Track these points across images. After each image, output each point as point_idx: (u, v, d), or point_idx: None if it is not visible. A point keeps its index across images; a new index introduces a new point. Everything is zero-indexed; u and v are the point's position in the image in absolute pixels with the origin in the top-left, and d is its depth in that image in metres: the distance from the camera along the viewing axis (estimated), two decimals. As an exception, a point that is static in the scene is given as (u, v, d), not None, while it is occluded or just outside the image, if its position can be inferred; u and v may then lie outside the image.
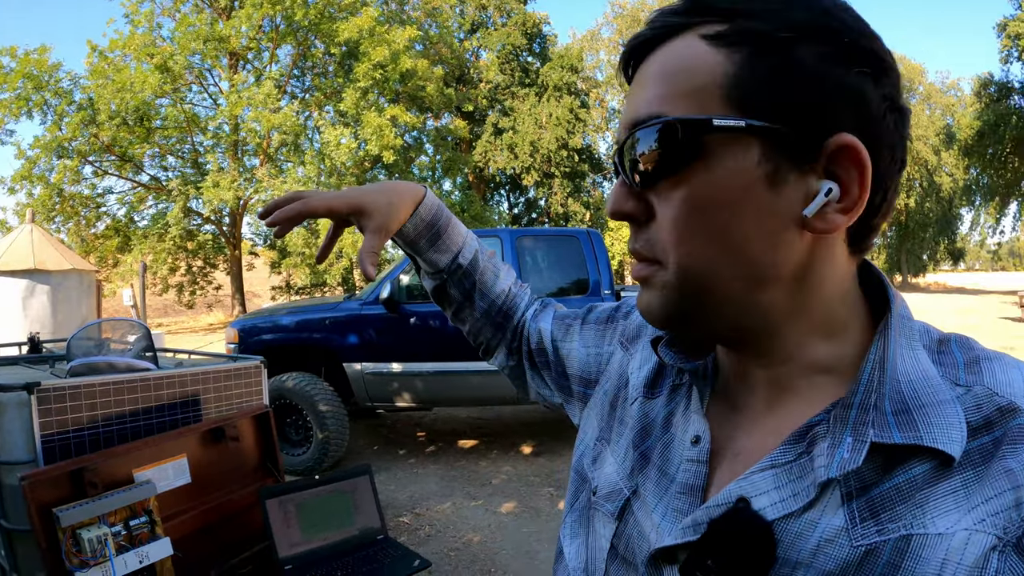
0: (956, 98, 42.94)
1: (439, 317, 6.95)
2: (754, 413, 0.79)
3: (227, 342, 7.25)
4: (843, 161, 0.65)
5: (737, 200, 0.66)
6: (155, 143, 24.05)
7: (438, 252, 1.22)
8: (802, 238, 0.68)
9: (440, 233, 1.21)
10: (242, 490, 2.93)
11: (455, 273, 1.24)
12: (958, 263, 53.35)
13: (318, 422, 6.59)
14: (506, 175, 33.03)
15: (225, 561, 2.78)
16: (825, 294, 0.72)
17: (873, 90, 0.65)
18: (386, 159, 22.26)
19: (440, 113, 29.53)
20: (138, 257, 21.76)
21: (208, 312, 28.87)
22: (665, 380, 0.94)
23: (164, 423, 2.80)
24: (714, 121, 0.64)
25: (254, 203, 24.63)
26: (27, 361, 3.57)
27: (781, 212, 0.66)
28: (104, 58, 22.51)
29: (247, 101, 22.27)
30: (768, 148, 0.65)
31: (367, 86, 22.91)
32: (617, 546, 0.87)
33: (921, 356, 0.69)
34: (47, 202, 22.30)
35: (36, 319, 11.41)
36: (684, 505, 0.78)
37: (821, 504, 0.65)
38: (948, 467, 0.60)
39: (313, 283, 26.01)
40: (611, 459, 0.96)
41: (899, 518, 0.60)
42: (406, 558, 2.85)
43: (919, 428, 0.62)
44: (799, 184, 0.66)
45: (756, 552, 0.66)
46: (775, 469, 0.69)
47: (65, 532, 2.16)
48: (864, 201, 0.66)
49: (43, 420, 2.40)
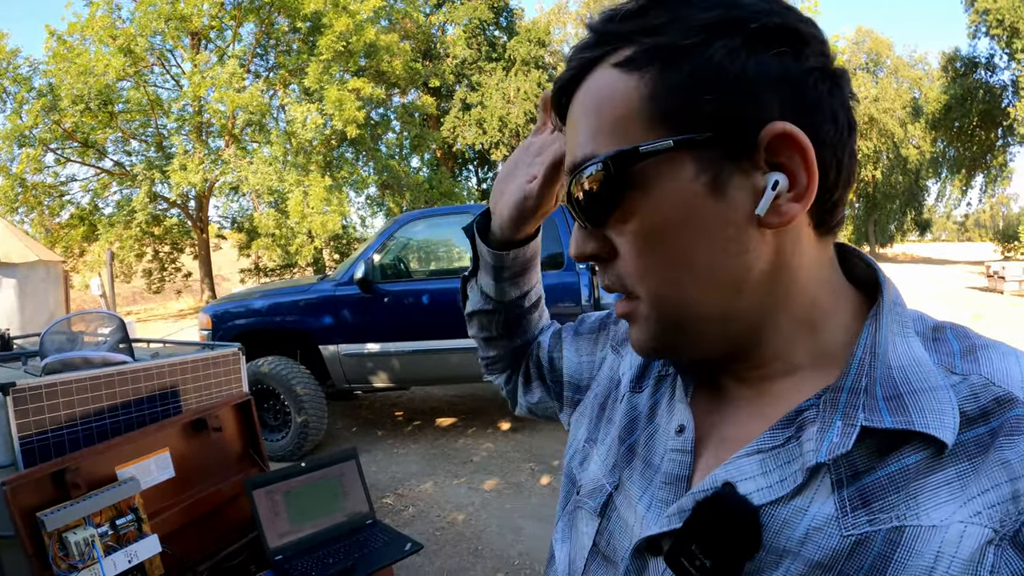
0: (923, 72, 43.08)
1: (413, 295, 6.96)
2: (742, 401, 0.78)
3: (200, 328, 7.18)
4: (782, 149, 0.64)
5: (685, 219, 0.65)
6: (118, 128, 23.66)
7: (514, 285, 1.19)
8: (763, 236, 0.67)
9: (527, 270, 1.19)
10: (227, 481, 2.90)
11: (513, 308, 1.22)
12: (925, 234, 53.97)
13: (296, 406, 6.56)
14: (475, 151, 32.88)
15: (215, 554, 2.76)
16: (802, 285, 0.71)
17: (796, 66, 0.64)
18: (349, 133, 22.02)
19: (407, 89, 29.31)
20: (105, 245, 21.45)
21: (177, 298, 28.61)
22: (651, 372, 0.94)
23: (144, 417, 2.77)
24: (640, 148, 0.64)
25: (221, 185, 24.42)
26: (-3, 360, 3.51)
27: (733, 218, 0.65)
28: (63, 42, 22.08)
29: (211, 82, 21.97)
30: (701, 159, 0.64)
31: (330, 59, 22.67)
32: (599, 543, 0.86)
33: (914, 343, 0.68)
34: (9, 193, 21.92)
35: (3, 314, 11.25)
36: (669, 495, 0.77)
37: (810, 491, 0.64)
38: (941, 456, 0.59)
39: (283, 264, 25.84)
40: (595, 457, 0.96)
41: (891, 508, 0.59)
42: (397, 541, 2.85)
43: (910, 413, 0.61)
44: (744, 184, 0.65)
45: (741, 536, 0.65)
46: (762, 454, 0.68)
47: (51, 536, 2.12)
48: (814, 184, 0.64)
49: (20, 421, 2.36)
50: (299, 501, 2.85)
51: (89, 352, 2.97)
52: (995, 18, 32.35)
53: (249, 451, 3.07)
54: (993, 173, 40.46)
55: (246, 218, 26.54)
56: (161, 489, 2.62)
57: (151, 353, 3.51)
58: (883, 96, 38.86)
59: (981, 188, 42.87)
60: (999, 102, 34.80)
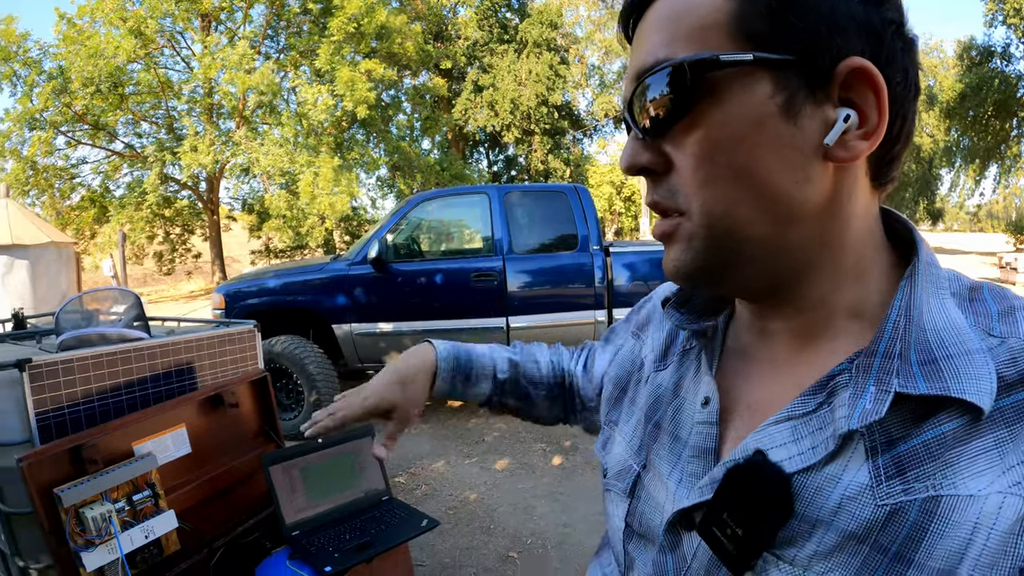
0: (938, 60, 42.66)
1: (426, 275, 6.97)
2: (773, 365, 0.78)
3: (213, 308, 7.19)
4: (857, 86, 0.64)
5: (754, 135, 0.64)
6: (128, 110, 23.59)
7: (477, 386, 1.27)
8: (825, 170, 0.66)
9: (469, 372, 1.27)
10: (243, 457, 2.91)
11: (502, 387, 1.28)
12: (937, 223, 53.69)
13: (308, 385, 6.57)
14: (485, 133, 32.80)
15: (231, 530, 2.76)
16: (853, 232, 0.70)
17: (877, 14, 0.64)
18: (360, 114, 21.97)
19: (418, 71, 29.22)
20: (116, 227, 21.48)
21: (188, 279, 28.70)
22: (674, 349, 0.94)
23: (160, 393, 2.76)
24: (720, 57, 0.63)
25: (231, 166, 24.42)
26: (12, 338, 3.51)
27: (801, 144, 0.64)
28: (73, 25, 22.02)
29: (221, 63, 21.92)
30: (779, 79, 0.63)
31: (341, 40, 22.60)
32: (631, 523, 0.88)
33: (949, 304, 0.66)
34: (20, 176, 21.88)
35: (16, 295, 11.29)
36: (698, 468, 0.78)
37: (843, 458, 0.63)
38: (979, 423, 0.58)
39: (294, 246, 25.86)
40: (619, 439, 0.98)
41: (927, 477, 0.58)
42: (413, 518, 2.85)
43: (946, 378, 0.59)
44: (816, 114, 0.64)
45: (772, 504, 0.65)
46: (793, 421, 0.68)
47: (68, 512, 2.12)
48: (884, 125, 0.64)
49: (37, 397, 2.35)
50: (315, 477, 2.85)
51: (105, 328, 2.97)
52: (1012, 7, 31.93)
53: (265, 427, 3.07)
54: (1007, 163, 39.91)
55: (257, 200, 26.54)
56: (178, 465, 2.62)
57: (167, 330, 3.51)
58: None
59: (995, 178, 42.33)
60: (1015, 92, 34.33)
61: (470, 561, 4.18)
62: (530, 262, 7.04)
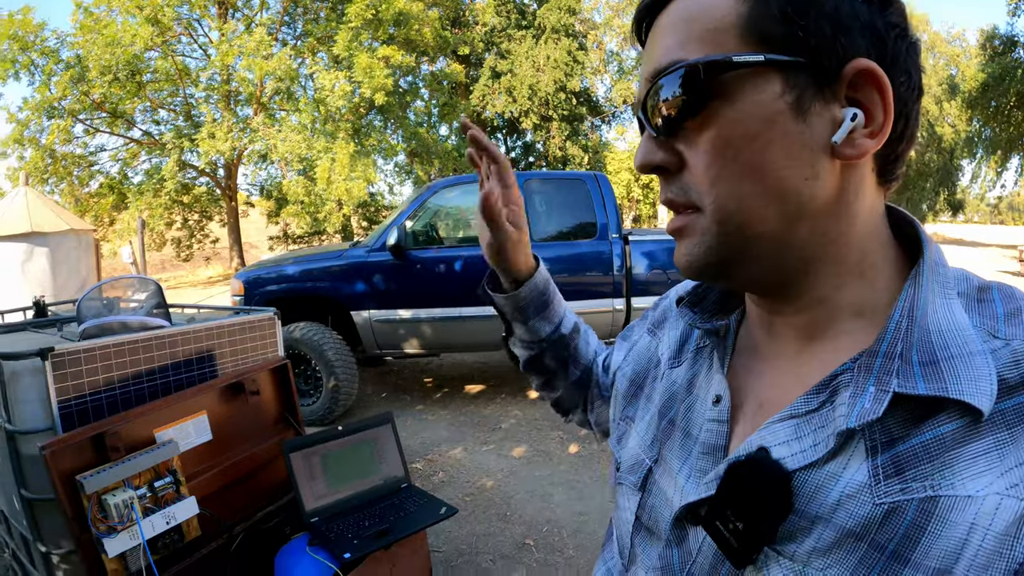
0: (961, 49, 42.02)
1: (445, 262, 6.95)
2: (781, 363, 0.79)
3: (232, 294, 7.21)
4: (863, 86, 0.65)
5: (765, 133, 0.65)
6: (146, 97, 23.75)
7: (543, 320, 1.26)
8: (833, 168, 0.67)
9: (548, 302, 1.26)
10: (264, 444, 2.93)
11: (556, 343, 1.28)
12: (957, 215, 52.81)
13: (327, 371, 6.59)
14: (504, 119, 32.70)
15: (251, 516, 2.78)
16: (858, 229, 0.71)
17: (881, 18, 0.66)
18: (377, 100, 21.98)
19: (436, 57, 29.14)
20: (134, 214, 21.62)
21: (206, 265, 28.82)
22: (688, 347, 0.96)
23: (181, 381, 2.78)
24: (733, 58, 0.65)
25: (249, 153, 24.50)
26: (34, 326, 3.53)
27: (810, 141, 0.66)
28: (90, 14, 22.11)
29: (238, 50, 21.97)
30: (789, 79, 0.65)
31: (359, 26, 22.58)
32: (641, 517, 0.89)
33: (955, 305, 0.67)
34: (39, 164, 22.06)
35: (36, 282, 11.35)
36: (706, 465, 0.79)
37: (844, 457, 0.64)
38: (979, 425, 0.58)
39: (311, 231, 25.91)
40: (634, 434, 0.99)
41: (925, 477, 0.59)
42: (432, 505, 2.87)
43: (945, 380, 0.60)
44: (824, 113, 0.66)
45: (772, 500, 0.66)
46: (795, 419, 0.69)
47: (90, 499, 2.14)
48: (889, 124, 0.66)
49: (59, 386, 2.37)
50: (335, 464, 2.87)
51: (127, 317, 2.99)
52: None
53: (285, 414, 3.09)
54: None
55: (274, 186, 26.63)
56: (199, 452, 2.65)
57: (187, 318, 3.53)
58: None
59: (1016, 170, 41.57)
60: (1038, 82, 33.98)
61: (486, 548, 4.19)
62: (549, 250, 7.00)
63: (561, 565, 3.98)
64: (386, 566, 2.70)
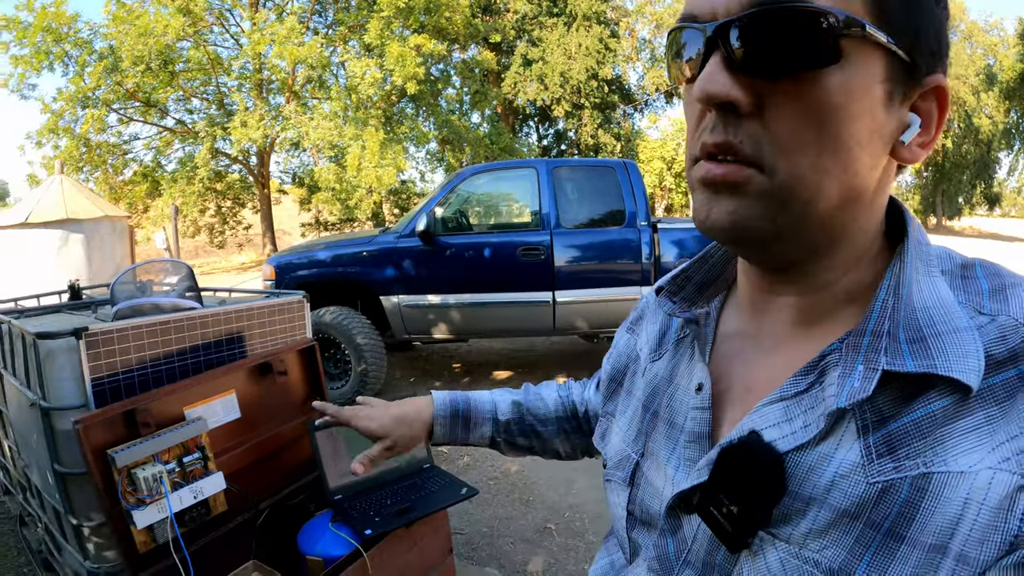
0: (999, 38, 40.86)
1: (474, 248, 6.99)
2: (770, 346, 0.79)
3: (263, 279, 7.30)
4: (931, 99, 0.67)
5: (862, 111, 0.63)
6: (179, 86, 23.85)
7: (477, 428, 1.33)
8: (885, 164, 0.69)
9: (468, 416, 1.33)
10: (290, 423, 2.98)
11: (507, 431, 1.33)
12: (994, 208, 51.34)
13: (356, 355, 6.66)
14: (535, 107, 32.53)
15: (277, 492, 2.84)
16: (875, 220, 0.72)
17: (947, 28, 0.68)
18: (409, 89, 21.98)
19: (467, 45, 29.04)
20: (168, 201, 21.79)
21: (239, 251, 29.00)
22: (668, 338, 0.96)
23: (211, 360, 2.83)
24: (867, 26, 0.61)
25: (281, 141, 24.62)
26: (69, 308, 3.61)
27: (885, 133, 0.66)
28: (122, 5, 22.30)
29: (270, 38, 22.06)
30: (890, 68, 0.64)
31: (391, 15, 22.60)
32: (633, 511, 0.90)
33: (939, 283, 0.68)
34: (74, 153, 22.21)
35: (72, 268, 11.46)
36: (694, 453, 0.80)
37: (835, 437, 0.65)
38: (968, 401, 0.59)
39: (343, 218, 25.99)
40: (617, 429, 1.00)
41: (918, 454, 0.59)
42: (453, 485, 2.90)
43: (933, 356, 0.61)
44: (898, 112, 0.66)
45: (766, 482, 0.66)
46: (785, 401, 0.70)
47: (120, 472, 2.20)
48: (937, 139, 0.68)
49: (92, 364, 2.43)
50: (360, 444, 2.88)
51: (159, 298, 3.05)
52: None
53: (312, 395, 3.14)
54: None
55: (307, 173, 26.71)
56: (227, 429, 2.70)
57: (218, 300, 3.58)
58: (955, 62, 36.64)
59: (1056, 163, 41.06)
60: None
61: (508, 531, 4.24)
62: (577, 237, 7.02)
63: (581, 549, 4.00)
64: (407, 544, 2.74)
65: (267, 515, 2.74)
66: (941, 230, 41.31)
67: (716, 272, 0.93)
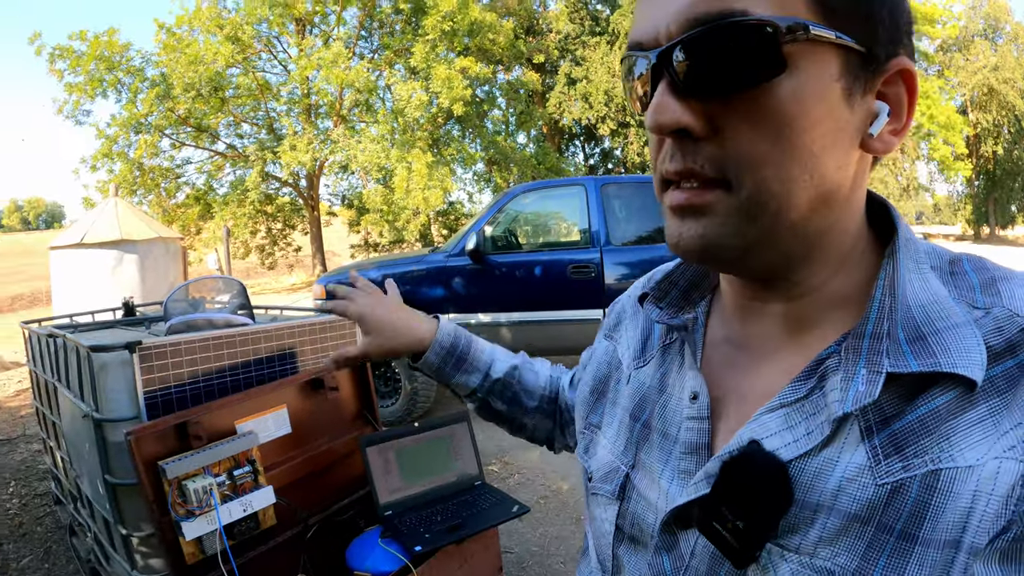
0: None
1: (525, 267, 6.96)
2: (763, 351, 0.77)
3: (314, 298, 7.33)
4: (897, 83, 0.65)
5: (821, 115, 0.61)
6: (229, 112, 24.46)
7: (466, 374, 1.28)
8: (856, 159, 0.66)
9: (464, 357, 1.28)
10: (341, 439, 2.98)
11: (492, 389, 1.28)
12: None
13: (406, 373, 6.66)
14: (581, 126, 32.62)
15: (326, 507, 2.84)
16: (854, 218, 0.70)
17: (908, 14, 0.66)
18: (456, 111, 22.21)
19: (511, 66, 29.23)
20: (220, 223, 22.20)
21: (289, 272, 29.35)
22: (652, 344, 0.93)
23: (263, 376, 2.86)
24: (811, 27, 0.59)
25: (330, 164, 24.95)
26: (123, 324, 3.66)
27: (851, 130, 0.64)
28: (172, 34, 22.94)
29: (316, 63, 22.43)
30: (845, 63, 0.62)
31: (436, 38, 22.84)
32: (622, 526, 0.85)
33: (931, 279, 0.67)
34: (128, 177, 22.84)
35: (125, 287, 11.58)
36: (691, 465, 0.76)
37: (839, 441, 0.63)
38: (971, 395, 0.58)
39: (392, 240, 26.19)
40: (603, 441, 0.95)
41: (925, 452, 0.58)
42: (505, 503, 2.87)
43: (936, 354, 0.60)
44: (863, 104, 0.64)
45: (772, 492, 0.64)
46: (785, 408, 0.67)
47: (171, 484, 2.21)
48: (910, 124, 0.66)
49: (145, 377, 2.47)
50: (411, 459, 2.90)
51: (212, 314, 3.08)
52: None
53: (363, 411, 3.14)
54: None
55: (355, 195, 27.03)
56: (278, 444, 2.71)
57: (270, 318, 3.62)
58: (1003, 65, 36.23)
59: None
60: None
61: (558, 551, 4.19)
62: (628, 254, 6.96)
63: (635, 567, 3.95)
64: (457, 561, 2.72)
65: (316, 530, 2.74)
66: (994, 240, 40.50)
67: (701, 276, 0.90)
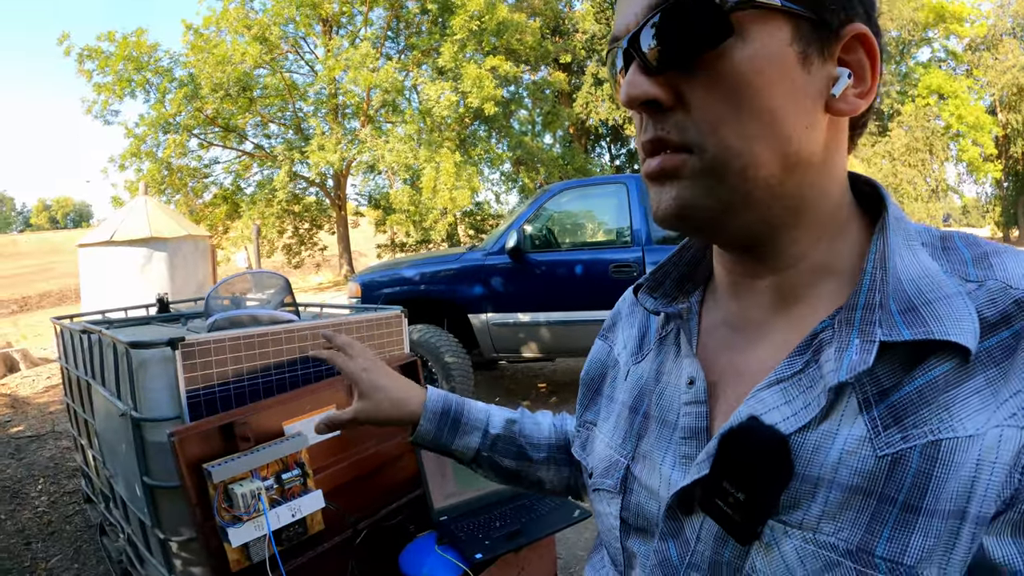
0: None
1: (565, 266, 6.88)
2: (756, 331, 0.78)
3: (349, 296, 7.30)
4: (856, 49, 0.69)
5: (777, 76, 0.65)
6: (257, 112, 24.74)
7: (465, 435, 1.23)
8: (826, 121, 0.69)
9: (459, 419, 1.23)
10: (391, 441, 2.87)
11: (494, 446, 1.24)
12: None
13: (444, 373, 6.57)
14: (607, 126, 32.57)
15: (375, 512, 2.75)
16: (834, 185, 0.73)
17: None
18: (487, 110, 22.23)
19: (537, 66, 29.19)
20: (248, 223, 22.36)
21: (316, 272, 29.47)
22: (649, 339, 0.95)
23: (309, 375, 2.76)
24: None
25: (357, 164, 25.03)
26: (159, 320, 3.59)
27: (812, 92, 0.67)
28: (200, 35, 23.22)
29: (344, 64, 22.54)
30: (797, 29, 0.65)
31: (464, 38, 22.87)
32: (627, 519, 0.87)
33: (921, 253, 0.69)
34: (156, 176, 23.13)
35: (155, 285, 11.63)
36: (691, 450, 0.78)
37: (837, 414, 0.64)
38: (968, 365, 0.59)
39: (418, 240, 26.24)
40: (600, 436, 0.98)
41: (924, 422, 0.59)
42: (564, 508, 2.77)
43: (928, 323, 0.61)
44: (822, 69, 0.67)
45: (772, 464, 0.65)
46: (782, 383, 0.69)
47: (217, 488, 2.11)
48: (876, 87, 0.69)
49: (188, 375, 2.36)
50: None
51: (257, 310, 2.99)
52: None
53: (413, 412, 3.03)
54: None
55: (382, 195, 27.12)
56: (326, 446, 2.60)
57: (312, 315, 3.54)
58: None
59: None
60: None
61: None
62: (660, 254, 6.77)
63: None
64: (514, 569, 2.62)
65: (366, 535, 2.65)
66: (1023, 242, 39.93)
67: (693, 265, 0.94)
